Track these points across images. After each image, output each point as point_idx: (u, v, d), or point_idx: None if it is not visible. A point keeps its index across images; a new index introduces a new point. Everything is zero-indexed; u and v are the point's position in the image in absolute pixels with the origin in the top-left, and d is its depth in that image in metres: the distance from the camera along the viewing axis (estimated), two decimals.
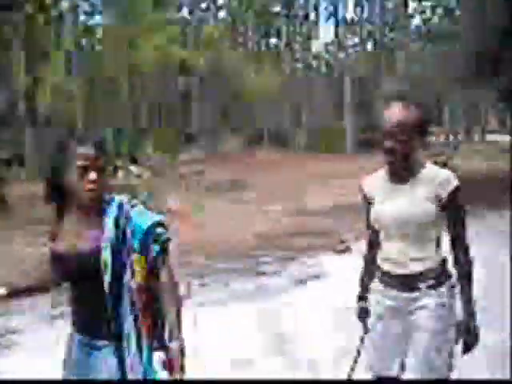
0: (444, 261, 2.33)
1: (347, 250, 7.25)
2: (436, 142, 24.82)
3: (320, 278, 6.15)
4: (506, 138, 29.96)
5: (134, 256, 2.07)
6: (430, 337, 2.25)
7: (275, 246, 7.77)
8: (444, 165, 14.31)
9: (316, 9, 34.01)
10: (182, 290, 3.77)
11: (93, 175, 1.97)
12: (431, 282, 2.29)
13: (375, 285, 2.45)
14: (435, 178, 2.26)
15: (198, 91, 25.89)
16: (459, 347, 2.29)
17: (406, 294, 2.31)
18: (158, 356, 2.06)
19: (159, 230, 2.08)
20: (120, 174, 17.56)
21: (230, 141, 26.76)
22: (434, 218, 2.25)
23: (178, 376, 2.03)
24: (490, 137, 31.34)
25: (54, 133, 19.40)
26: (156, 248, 2.07)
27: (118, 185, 14.21)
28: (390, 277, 2.35)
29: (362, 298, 2.58)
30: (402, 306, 2.33)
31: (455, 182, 2.25)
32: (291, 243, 7.89)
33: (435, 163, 2.45)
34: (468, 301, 2.28)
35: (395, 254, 2.32)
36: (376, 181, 2.42)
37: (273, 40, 35.55)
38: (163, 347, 2.06)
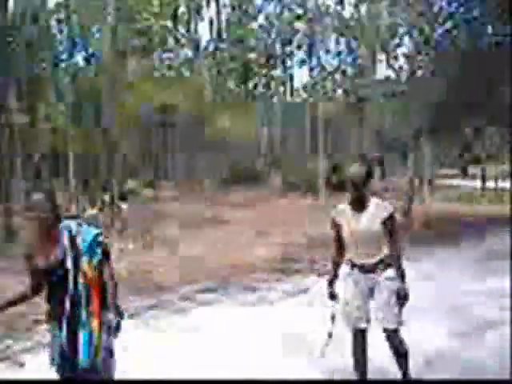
0: (386, 255, 3.88)
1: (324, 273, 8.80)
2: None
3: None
4: (468, 183, 32.13)
5: (84, 258, 3.04)
6: (386, 297, 3.83)
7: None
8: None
9: (291, 55, 36.02)
10: None
11: (42, 212, 3.03)
12: (381, 267, 3.86)
13: (347, 271, 3.98)
14: (379, 207, 3.83)
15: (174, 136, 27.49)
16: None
17: (367, 275, 3.88)
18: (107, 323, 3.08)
19: (100, 238, 3.13)
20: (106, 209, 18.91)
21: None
22: (381, 230, 3.80)
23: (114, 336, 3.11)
24: (451, 181, 33.35)
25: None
26: (99, 251, 3.11)
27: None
28: (358, 266, 3.92)
29: (331, 284, 4.08)
30: (365, 282, 3.90)
31: (391, 209, 3.86)
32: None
33: None
34: (401, 276, 3.84)
35: (360, 252, 3.88)
36: (342, 211, 3.96)
37: (250, 85, 37.44)
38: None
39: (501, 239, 11.30)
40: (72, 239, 3.07)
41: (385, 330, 3.86)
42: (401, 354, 3.91)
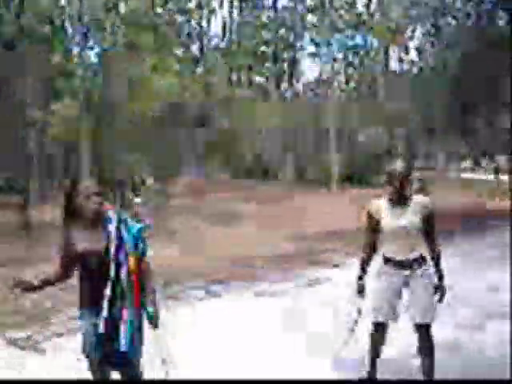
0: (423, 252, 3.91)
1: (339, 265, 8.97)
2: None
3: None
4: (481, 176, 31.92)
5: (127, 249, 3.11)
6: (421, 292, 3.82)
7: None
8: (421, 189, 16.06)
9: (302, 49, 35.94)
10: None
11: (95, 199, 3.10)
12: (419, 262, 3.85)
13: (381, 267, 3.95)
14: (420, 203, 3.84)
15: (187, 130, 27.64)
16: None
17: (402, 271, 3.86)
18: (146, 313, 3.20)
19: (144, 232, 3.22)
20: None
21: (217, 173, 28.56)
22: (420, 227, 3.82)
23: (155, 329, 3.20)
24: (464, 175, 33.17)
25: None
26: (142, 246, 3.20)
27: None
28: (393, 261, 3.88)
29: (361, 278, 4.05)
30: (400, 278, 3.86)
31: (431, 205, 3.88)
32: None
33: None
34: (440, 272, 3.90)
35: (398, 248, 3.85)
36: (380, 206, 3.91)
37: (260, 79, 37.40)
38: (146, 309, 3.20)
39: None
40: (118, 229, 3.14)
41: (418, 326, 3.85)
42: (430, 351, 3.86)
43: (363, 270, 4.05)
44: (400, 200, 3.83)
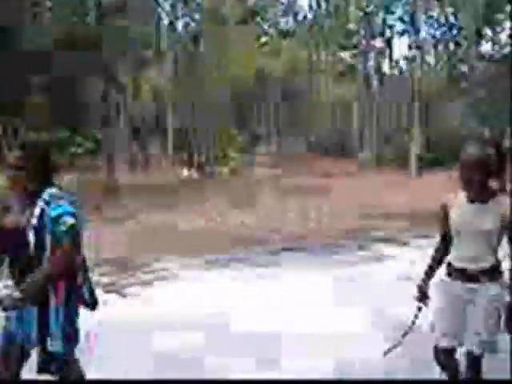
0: (499, 262, 3.15)
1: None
2: None
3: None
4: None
5: (46, 235, 2.61)
6: (486, 318, 3.06)
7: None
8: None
9: (391, 26, 35.19)
10: None
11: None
12: (491, 276, 3.09)
13: (444, 277, 3.25)
14: (503, 203, 3.05)
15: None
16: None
17: (470, 285, 3.11)
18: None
19: (66, 218, 2.60)
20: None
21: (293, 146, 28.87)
22: (496, 231, 3.05)
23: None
24: None
25: None
26: (60, 231, 2.60)
27: None
28: (460, 271, 3.15)
29: (424, 282, 3.33)
30: (461, 292, 3.15)
31: None
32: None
33: None
34: None
35: (469, 254, 3.12)
36: (456, 199, 3.18)
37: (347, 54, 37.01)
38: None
39: None
40: (42, 209, 2.69)
41: (468, 353, 3.14)
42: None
43: (427, 274, 3.37)
44: (472, 195, 3.10)
